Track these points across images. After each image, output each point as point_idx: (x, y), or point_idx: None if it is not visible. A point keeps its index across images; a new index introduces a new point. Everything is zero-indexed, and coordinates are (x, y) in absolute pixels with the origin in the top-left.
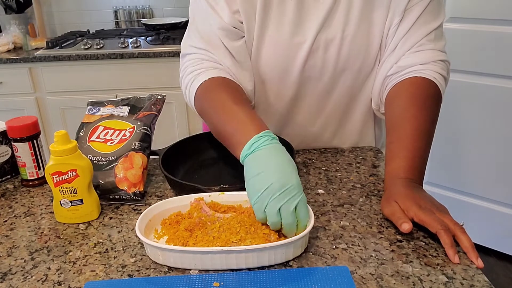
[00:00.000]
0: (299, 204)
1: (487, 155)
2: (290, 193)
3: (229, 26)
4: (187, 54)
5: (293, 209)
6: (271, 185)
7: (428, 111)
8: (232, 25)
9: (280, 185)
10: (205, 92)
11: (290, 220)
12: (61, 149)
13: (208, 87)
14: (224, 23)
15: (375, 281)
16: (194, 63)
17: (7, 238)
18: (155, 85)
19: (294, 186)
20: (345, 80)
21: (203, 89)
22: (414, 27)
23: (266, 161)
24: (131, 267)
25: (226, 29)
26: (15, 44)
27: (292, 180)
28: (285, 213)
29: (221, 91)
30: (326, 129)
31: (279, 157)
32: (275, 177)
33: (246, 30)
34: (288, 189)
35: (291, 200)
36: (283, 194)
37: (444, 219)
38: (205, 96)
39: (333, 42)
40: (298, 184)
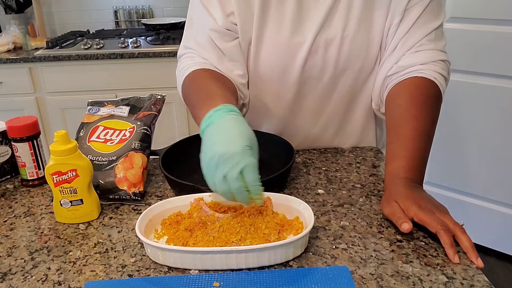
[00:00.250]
0: (245, 169)
1: (487, 155)
2: (233, 160)
3: (222, 28)
4: (182, 54)
5: (237, 174)
6: (213, 156)
7: (429, 111)
8: (225, 27)
9: (221, 154)
10: (189, 81)
11: (236, 185)
12: (61, 149)
13: (192, 77)
14: (217, 25)
15: (375, 281)
16: (187, 60)
17: (7, 238)
18: (155, 85)
19: (236, 153)
20: (345, 80)
21: (188, 79)
22: (414, 27)
23: (216, 134)
24: (131, 267)
25: (219, 31)
26: (15, 44)
27: (234, 147)
28: (230, 179)
29: (202, 78)
30: (327, 129)
31: (228, 128)
32: (218, 148)
33: (240, 31)
34: (230, 156)
35: (234, 166)
36: (225, 162)
37: (444, 219)
38: (189, 85)
39: (333, 42)
40: (242, 151)
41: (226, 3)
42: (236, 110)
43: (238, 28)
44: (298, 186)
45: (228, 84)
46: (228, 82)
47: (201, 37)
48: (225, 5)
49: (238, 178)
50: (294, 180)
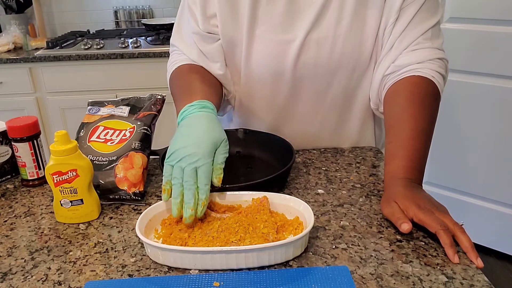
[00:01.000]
0: (199, 169)
1: (486, 155)
2: (192, 157)
3: (202, 31)
4: (172, 50)
5: (191, 170)
6: (178, 149)
7: (427, 110)
8: (205, 31)
9: (185, 150)
10: (174, 76)
11: (189, 179)
12: (61, 149)
13: (178, 71)
14: (198, 28)
15: (375, 281)
16: (175, 56)
17: (7, 238)
18: (155, 85)
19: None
20: (340, 79)
21: (174, 74)
22: (410, 26)
23: (185, 129)
24: (131, 267)
25: (200, 34)
26: (15, 44)
27: (198, 147)
28: (186, 172)
29: (188, 73)
30: (324, 129)
31: (196, 125)
32: (184, 143)
33: (221, 33)
34: (192, 154)
35: (191, 164)
36: (186, 157)
37: (444, 219)
38: (173, 79)
39: (326, 40)
40: (203, 151)
41: (208, 4)
42: (209, 106)
43: (219, 30)
44: (298, 186)
45: (210, 80)
46: (210, 76)
47: (186, 36)
48: (207, 7)
49: (192, 174)
50: (294, 180)
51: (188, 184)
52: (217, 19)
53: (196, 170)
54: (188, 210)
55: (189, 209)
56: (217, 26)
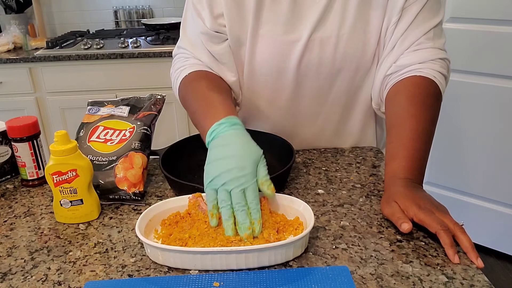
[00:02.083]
0: (247, 190)
1: (487, 155)
2: (238, 180)
3: (210, 31)
4: (176, 54)
5: (239, 191)
6: (222, 173)
7: (428, 110)
8: (213, 30)
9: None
10: (186, 84)
11: (238, 200)
12: (61, 149)
13: (189, 79)
14: (205, 28)
15: (375, 281)
16: (181, 61)
17: (7, 238)
18: (155, 85)
19: (241, 175)
20: (342, 79)
21: (185, 82)
22: (412, 26)
23: (222, 150)
24: (131, 267)
25: (208, 34)
26: (15, 44)
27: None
28: (233, 194)
29: (199, 81)
30: (325, 129)
31: (233, 145)
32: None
33: (229, 32)
34: (237, 178)
35: (238, 186)
36: (233, 181)
37: (444, 219)
38: (186, 87)
39: (329, 41)
40: (246, 173)
41: (215, 4)
42: (238, 122)
43: (227, 29)
44: (298, 186)
45: (223, 86)
46: (223, 83)
47: (193, 38)
48: (214, 7)
49: (241, 196)
50: (294, 180)
51: (239, 206)
52: (224, 19)
53: (244, 191)
54: (245, 230)
55: (246, 229)
56: (224, 26)
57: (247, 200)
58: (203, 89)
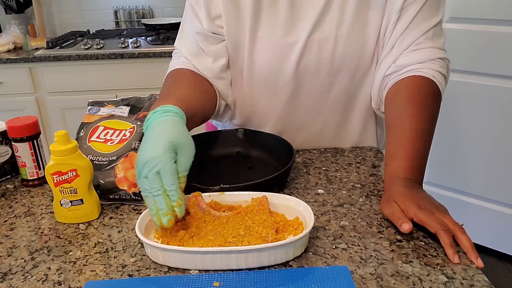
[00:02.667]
0: (160, 171)
1: (487, 155)
2: (151, 162)
3: (206, 31)
4: (174, 53)
5: (153, 175)
6: (139, 158)
7: (428, 110)
8: (210, 31)
9: (144, 157)
10: (165, 80)
11: (153, 185)
12: (61, 149)
13: (169, 75)
14: (202, 29)
15: (375, 281)
16: (173, 62)
17: (7, 238)
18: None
19: (154, 156)
20: (341, 80)
21: (167, 77)
22: (411, 26)
23: (146, 136)
24: (131, 267)
25: (204, 34)
26: (15, 44)
27: (154, 151)
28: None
29: (174, 78)
30: (326, 129)
31: (155, 131)
32: (143, 151)
33: (226, 34)
34: (150, 159)
35: (152, 169)
36: (146, 164)
37: (444, 219)
38: (165, 82)
39: (327, 42)
40: (160, 154)
41: (213, 6)
42: (173, 110)
43: (224, 31)
44: (298, 186)
45: (199, 83)
46: (202, 81)
47: (186, 39)
48: (211, 8)
49: (155, 179)
50: (294, 180)
51: (154, 190)
52: (221, 20)
53: (158, 174)
54: (163, 217)
55: (164, 215)
56: (221, 27)
57: (163, 182)
58: (170, 83)
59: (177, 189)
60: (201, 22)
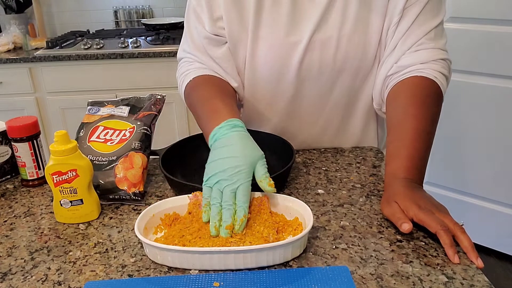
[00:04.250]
0: (238, 189)
1: (487, 155)
2: (230, 179)
3: (210, 34)
4: (181, 58)
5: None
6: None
7: (429, 110)
8: (213, 33)
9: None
10: (191, 89)
11: (227, 199)
12: (61, 149)
13: (194, 84)
14: (205, 32)
15: (375, 281)
16: (186, 65)
17: (7, 238)
18: (155, 85)
19: (233, 174)
20: (343, 80)
21: (190, 87)
22: (413, 26)
23: (219, 151)
24: (131, 267)
25: (208, 37)
26: (15, 44)
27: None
28: (224, 194)
29: (203, 86)
30: (327, 130)
31: (229, 147)
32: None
33: (228, 35)
34: (229, 176)
35: (230, 185)
36: (223, 180)
37: (444, 219)
38: (191, 92)
39: (330, 42)
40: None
41: (214, 7)
42: (239, 124)
43: (226, 31)
44: (298, 186)
45: (227, 89)
46: (227, 86)
47: (196, 41)
48: (213, 9)
49: (231, 195)
50: (294, 180)
51: (226, 204)
52: (223, 21)
53: (235, 191)
54: (223, 230)
55: (224, 228)
56: (223, 29)
57: (236, 198)
58: (207, 94)
59: (246, 208)
60: (204, 24)
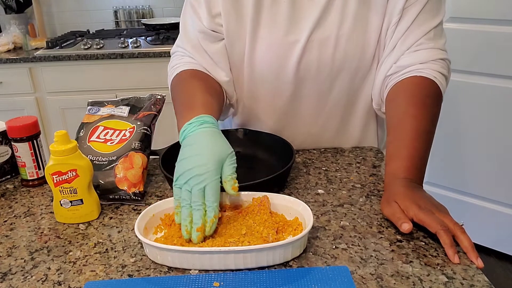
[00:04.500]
0: (206, 188)
1: (487, 155)
2: (198, 178)
3: (207, 29)
4: (174, 52)
5: (199, 190)
6: (184, 171)
7: (428, 110)
8: (210, 29)
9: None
10: (175, 83)
11: (197, 199)
12: (61, 149)
13: (179, 79)
14: (202, 26)
15: (375, 281)
16: (176, 59)
17: (7, 238)
18: (155, 85)
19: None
20: (342, 80)
21: (175, 81)
22: (413, 26)
23: (188, 149)
24: (131, 267)
25: (205, 32)
26: (15, 44)
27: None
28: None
29: (187, 82)
30: (326, 130)
31: (198, 144)
32: (188, 164)
33: (226, 33)
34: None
35: (198, 184)
36: (192, 179)
37: (444, 219)
38: (174, 87)
39: (328, 41)
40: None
41: (213, 3)
42: (209, 120)
43: (224, 29)
44: (298, 186)
45: (212, 86)
46: (213, 83)
47: (191, 36)
48: (212, 6)
49: (200, 194)
50: (294, 180)
51: (196, 204)
52: (221, 18)
53: (203, 189)
54: (194, 232)
55: (196, 230)
56: (221, 25)
57: (205, 198)
58: (187, 89)
59: (216, 207)
60: (201, 19)
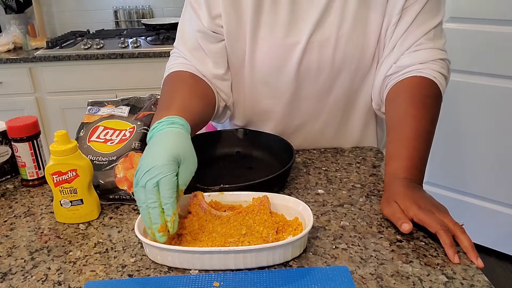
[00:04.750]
0: (160, 182)
1: (487, 155)
2: (152, 172)
3: (207, 30)
4: (172, 53)
5: (152, 185)
6: (140, 167)
7: (428, 110)
8: (210, 30)
9: (145, 167)
10: (165, 83)
11: (150, 196)
12: (61, 149)
13: (169, 79)
14: (202, 27)
15: (375, 281)
16: (172, 60)
17: (7, 238)
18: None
19: (156, 166)
20: (342, 81)
21: (165, 81)
22: (412, 27)
23: (149, 146)
24: (131, 267)
25: (204, 32)
26: (15, 44)
27: (156, 161)
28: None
29: (173, 84)
30: (326, 129)
31: (159, 142)
32: (145, 160)
33: (226, 34)
34: (151, 169)
35: (152, 178)
36: (146, 174)
37: (444, 219)
38: (163, 87)
39: (328, 42)
40: (162, 164)
41: (213, 4)
42: (179, 121)
43: (224, 31)
44: (298, 186)
45: (198, 89)
46: (202, 86)
47: (188, 37)
48: (212, 7)
49: (153, 190)
50: (294, 180)
51: (150, 202)
52: (221, 20)
53: (157, 185)
54: (157, 233)
55: (158, 230)
56: (221, 27)
57: (160, 194)
58: (172, 90)
59: (173, 204)
60: (201, 20)
